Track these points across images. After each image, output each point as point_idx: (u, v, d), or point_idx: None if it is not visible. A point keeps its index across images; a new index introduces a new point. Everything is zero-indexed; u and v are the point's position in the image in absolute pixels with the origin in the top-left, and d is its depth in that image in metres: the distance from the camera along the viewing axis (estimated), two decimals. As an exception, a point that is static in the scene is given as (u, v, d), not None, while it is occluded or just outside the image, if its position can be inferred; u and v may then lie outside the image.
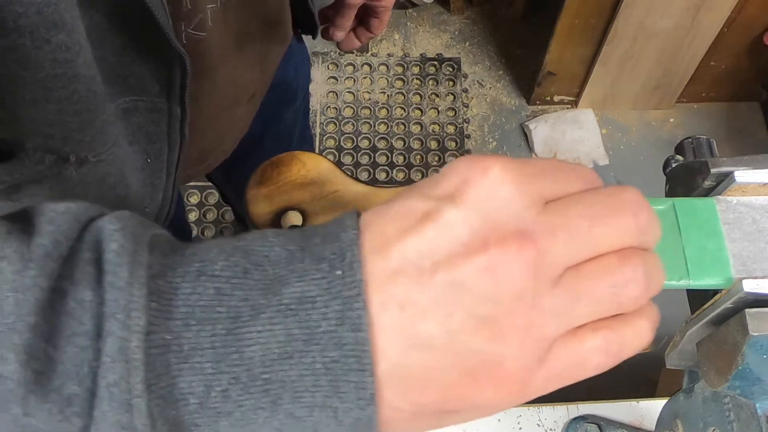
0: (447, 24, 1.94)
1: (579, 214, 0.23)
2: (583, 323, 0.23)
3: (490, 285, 0.21)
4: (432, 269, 0.22)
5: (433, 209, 0.22)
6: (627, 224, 0.24)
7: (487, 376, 0.22)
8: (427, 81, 1.84)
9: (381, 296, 0.22)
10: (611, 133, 1.78)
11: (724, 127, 1.81)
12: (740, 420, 0.34)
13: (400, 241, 0.22)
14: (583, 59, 1.65)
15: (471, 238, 0.22)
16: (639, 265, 0.23)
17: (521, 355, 0.22)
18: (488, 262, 0.21)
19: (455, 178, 0.23)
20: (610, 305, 0.24)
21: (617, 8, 1.47)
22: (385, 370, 0.22)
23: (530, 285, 0.22)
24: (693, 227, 0.34)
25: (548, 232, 0.22)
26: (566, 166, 0.25)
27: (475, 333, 0.22)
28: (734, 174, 0.34)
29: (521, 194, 0.23)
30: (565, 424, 0.65)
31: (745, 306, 0.31)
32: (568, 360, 0.23)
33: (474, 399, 0.23)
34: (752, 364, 0.31)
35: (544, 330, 0.22)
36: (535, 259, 0.22)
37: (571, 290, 0.23)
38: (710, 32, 1.54)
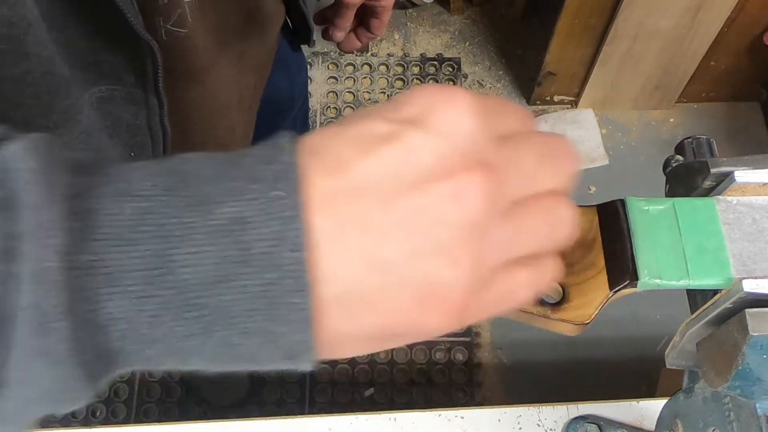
0: (447, 24, 1.94)
1: (528, 152, 0.24)
2: (518, 256, 0.24)
3: (453, 212, 0.22)
4: (396, 192, 0.21)
5: (396, 132, 0.22)
6: (563, 169, 0.25)
7: (437, 302, 0.22)
8: (427, 81, 1.84)
9: (335, 216, 0.21)
10: (611, 133, 1.78)
11: (724, 127, 1.81)
12: (740, 420, 0.34)
13: (360, 162, 0.22)
14: (583, 59, 1.65)
15: (436, 165, 0.22)
16: (569, 208, 0.25)
17: (470, 283, 0.22)
18: (452, 188, 0.22)
19: (419, 103, 0.23)
20: (545, 241, 0.25)
21: (617, 8, 1.47)
22: (335, 291, 0.21)
23: (486, 215, 0.22)
24: (693, 227, 0.34)
25: (504, 166, 0.23)
26: (512, 106, 0.26)
27: (432, 258, 0.22)
28: (734, 174, 0.34)
29: (483, 127, 0.23)
30: (565, 424, 0.65)
31: (745, 306, 0.31)
32: (503, 290, 0.24)
33: (421, 323, 0.23)
34: (752, 364, 0.31)
35: (491, 260, 0.23)
36: (495, 189, 0.22)
37: (516, 224, 0.23)
38: (710, 32, 1.54)
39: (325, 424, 0.65)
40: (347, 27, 0.71)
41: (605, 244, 0.36)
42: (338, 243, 0.21)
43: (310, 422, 0.66)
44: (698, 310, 0.34)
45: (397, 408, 1.18)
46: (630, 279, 0.34)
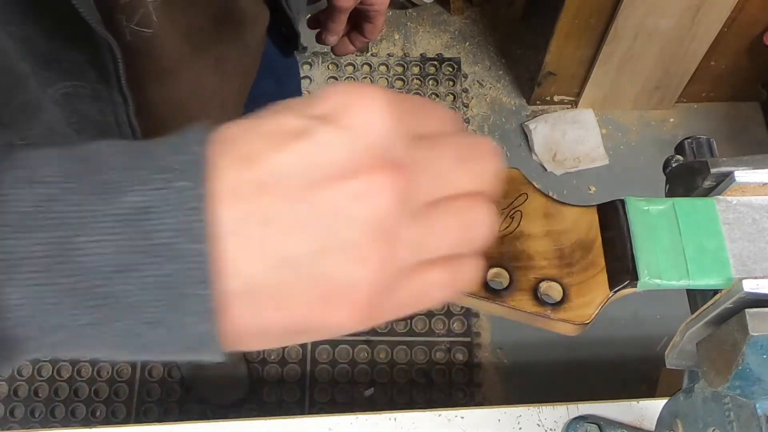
0: (447, 24, 1.94)
1: (445, 154, 0.24)
2: (432, 257, 0.24)
3: (360, 210, 0.21)
4: (303, 188, 0.21)
5: (308, 128, 0.22)
6: (483, 171, 0.25)
7: (342, 300, 0.22)
8: (427, 81, 1.84)
9: (240, 211, 0.21)
10: (611, 133, 1.78)
11: (724, 127, 1.81)
12: (740, 420, 0.34)
13: (270, 156, 0.22)
14: (583, 59, 1.65)
15: (345, 162, 0.22)
16: (487, 210, 0.25)
17: (377, 282, 0.22)
18: (360, 187, 0.21)
19: (333, 100, 0.23)
20: (459, 243, 0.25)
21: (617, 8, 1.47)
22: (238, 285, 0.21)
23: (395, 215, 0.22)
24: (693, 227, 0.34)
25: (417, 166, 0.23)
26: (435, 107, 0.26)
27: (337, 255, 0.22)
28: (734, 174, 0.34)
29: (397, 127, 0.23)
30: (565, 424, 0.65)
31: (745, 306, 0.31)
32: (415, 291, 0.24)
33: (325, 320, 0.23)
34: (752, 364, 0.31)
35: (400, 259, 0.23)
36: (404, 190, 0.22)
37: (428, 225, 0.23)
38: (710, 32, 1.54)
39: (325, 424, 0.65)
40: (340, 31, 0.70)
41: (605, 244, 0.36)
42: (242, 236, 0.21)
43: (310, 422, 0.66)
44: (698, 310, 0.34)
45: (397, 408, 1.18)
46: (630, 279, 0.34)
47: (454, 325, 1.54)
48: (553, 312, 0.34)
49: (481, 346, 1.52)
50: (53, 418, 1.45)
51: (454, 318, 1.54)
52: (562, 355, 1.51)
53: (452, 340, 1.52)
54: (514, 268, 0.36)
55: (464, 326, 1.53)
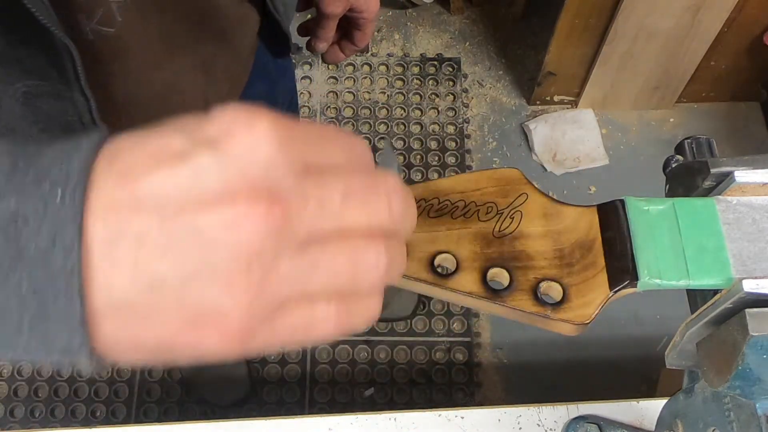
0: (447, 24, 1.94)
1: (335, 188, 0.23)
2: (317, 292, 0.24)
3: (231, 239, 0.21)
4: (176, 211, 0.21)
5: (189, 151, 0.22)
6: (379, 209, 0.24)
7: (211, 327, 0.22)
8: (427, 81, 1.84)
9: (114, 227, 0.21)
10: (611, 133, 1.78)
11: (724, 127, 1.81)
12: (740, 420, 0.34)
13: (148, 176, 0.22)
14: (583, 59, 1.65)
15: (221, 189, 0.22)
16: (383, 251, 0.24)
17: (248, 312, 0.22)
18: (233, 216, 0.21)
19: (220, 124, 0.23)
20: (347, 283, 0.24)
21: (617, 8, 1.47)
22: (107, 301, 0.21)
23: (271, 246, 0.22)
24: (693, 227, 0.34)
25: (300, 198, 0.23)
26: (337, 137, 0.25)
27: (207, 283, 0.21)
28: (734, 174, 0.34)
29: (282, 156, 0.22)
30: (565, 424, 0.65)
31: (745, 306, 0.31)
32: (297, 324, 0.24)
33: (194, 344, 0.23)
34: (752, 364, 0.31)
35: (275, 292, 0.22)
36: (281, 221, 0.22)
37: (312, 260, 0.23)
38: (710, 32, 1.54)
39: (325, 424, 0.65)
40: (329, 38, 0.70)
41: (605, 244, 0.36)
42: (113, 254, 0.21)
43: (310, 422, 0.66)
44: (698, 310, 0.34)
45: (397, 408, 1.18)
46: (630, 279, 0.34)
47: (454, 325, 1.54)
48: (553, 312, 0.34)
49: (481, 346, 1.52)
50: (53, 418, 1.45)
51: (454, 318, 1.54)
52: (562, 355, 1.51)
53: (452, 340, 1.52)
54: (514, 268, 0.36)
55: (464, 326, 1.53)
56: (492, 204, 0.37)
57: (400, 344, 1.51)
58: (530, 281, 0.35)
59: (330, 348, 1.51)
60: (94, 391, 1.47)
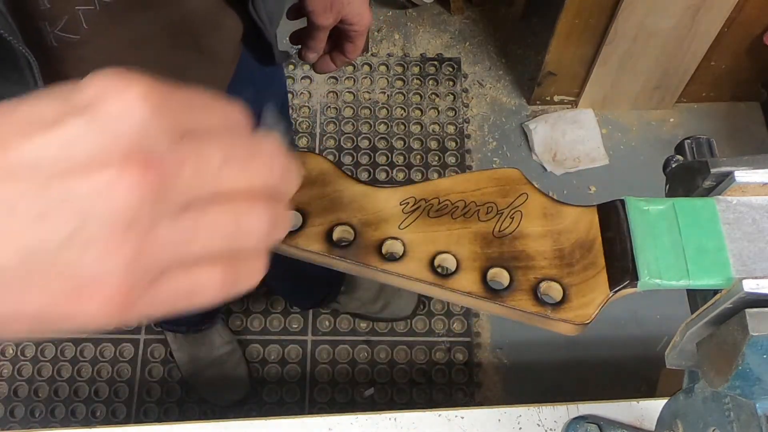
0: (447, 24, 1.94)
1: (212, 152, 0.23)
2: (200, 256, 0.24)
3: (105, 205, 0.21)
4: (49, 178, 0.21)
5: (61, 117, 0.22)
6: (259, 171, 0.24)
7: (89, 293, 0.22)
8: (427, 81, 1.84)
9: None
10: (611, 133, 1.78)
11: (724, 127, 1.81)
12: (740, 420, 0.34)
13: (19, 144, 0.21)
14: (583, 59, 1.65)
15: (93, 155, 0.21)
16: (264, 212, 0.24)
17: (126, 278, 0.22)
18: (106, 182, 0.21)
19: (93, 89, 0.22)
20: (229, 244, 0.24)
21: (617, 8, 1.47)
22: None
23: (147, 211, 0.22)
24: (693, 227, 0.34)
25: (176, 163, 0.22)
26: (214, 103, 0.25)
27: (83, 250, 0.21)
28: (734, 174, 0.34)
29: (157, 120, 0.22)
30: (565, 424, 0.65)
31: (745, 306, 0.31)
32: (180, 288, 0.24)
33: (73, 312, 0.22)
34: (752, 364, 0.31)
35: (155, 257, 0.22)
36: (156, 186, 0.22)
37: (192, 223, 0.23)
38: (710, 32, 1.54)
39: (325, 424, 0.65)
40: (320, 49, 0.70)
41: (605, 244, 0.36)
42: None
43: (310, 422, 0.66)
44: (698, 310, 0.34)
45: (397, 408, 1.18)
46: (630, 279, 0.34)
47: (454, 325, 1.54)
48: (553, 312, 0.34)
49: (481, 346, 1.52)
50: (53, 418, 1.45)
51: (454, 318, 1.54)
52: (562, 355, 1.51)
53: (452, 340, 1.52)
54: (514, 268, 0.36)
55: (464, 326, 1.53)
56: (492, 204, 0.37)
57: (400, 344, 1.51)
58: (530, 281, 0.35)
59: (330, 348, 1.51)
60: (94, 391, 1.47)
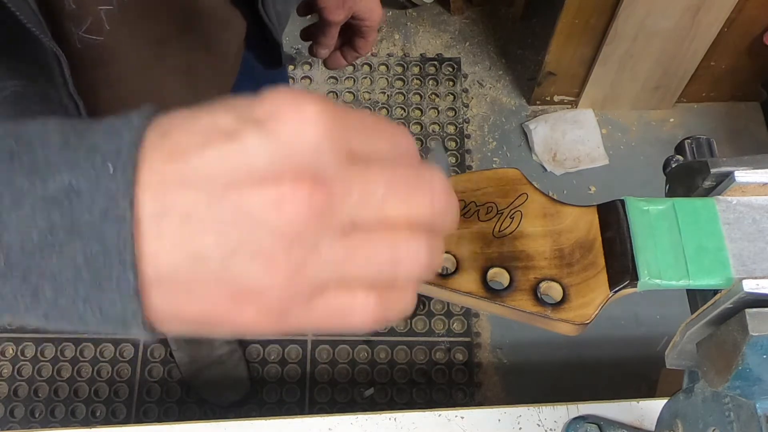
0: (447, 24, 1.94)
1: (379, 179, 0.24)
2: (357, 280, 0.24)
3: (274, 218, 0.22)
4: (223, 189, 0.22)
5: (237, 130, 0.22)
6: (422, 204, 0.24)
7: (249, 303, 0.22)
8: (427, 81, 1.84)
9: (162, 201, 0.22)
10: (611, 133, 1.78)
11: (724, 127, 1.81)
12: (740, 420, 0.34)
13: (197, 153, 0.22)
14: (583, 59, 1.65)
15: (266, 169, 0.22)
16: (423, 246, 0.24)
17: (286, 291, 0.22)
18: (277, 196, 0.22)
19: (269, 106, 0.23)
20: (386, 275, 0.24)
21: (617, 8, 1.47)
22: (154, 273, 0.22)
23: (312, 229, 0.22)
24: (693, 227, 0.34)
25: (343, 185, 0.23)
26: (385, 127, 0.25)
27: (249, 259, 0.22)
28: (734, 174, 0.34)
29: (329, 141, 0.23)
30: (565, 424, 0.65)
31: (745, 306, 0.31)
32: (335, 309, 0.24)
33: (233, 319, 0.23)
34: (752, 364, 0.31)
35: (314, 274, 0.23)
36: (324, 205, 0.22)
37: (353, 246, 0.23)
38: (710, 32, 1.54)
39: (325, 424, 0.65)
40: (331, 45, 0.70)
41: (605, 244, 0.36)
42: (160, 228, 0.22)
43: (310, 422, 0.66)
44: (698, 310, 0.34)
45: (397, 408, 1.18)
46: (630, 279, 0.34)
47: (454, 325, 1.54)
48: (553, 312, 0.34)
49: (481, 346, 1.52)
50: (53, 418, 1.45)
51: (454, 318, 1.54)
52: (562, 355, 1.51)
53: (452, 340, 1.52)
54: (514, 268, 0.36)
55: (464, 326, 1.54)
56: (492, 204, 0.37)
57: (400, 344, 1.51)
58: (530, 281, 0.35)
59: (330, 348, 1.51)
60: (94, 391, 1.47)
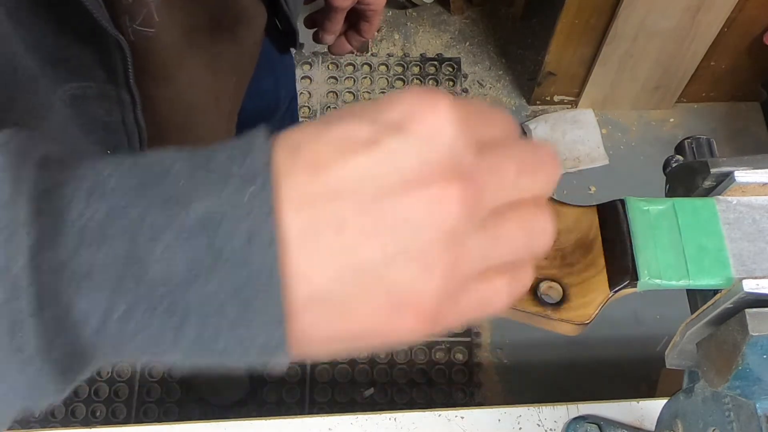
0: (447, 24, 1.94)
1: (509, 161, 0.24)
2: (496, 265, 0.24)
3: (429, 219, 0.21)
4: (373, 195, 0.21)
5: (376, 135, 0.22)
6: (546, 177, 0.25)
7: (408, 308, 0.22)
8: (427, 81, 1.84)
9: (309, 217, 0.21)
10: (611, 133, 1.78)
11: (724, 127, 1.81)
12: (740, 420, 0.34)
13: (338, 164, 0.22)
14: (583, 59, 1.65)
15: (416, 171, 0.22)
16: (549, 217, 0.25)
17: (443, 291, 0.22)
18: (431, 197, 0.21)
19: (402, 107, 0.23)
20: (524, 251, 0.25)
21: (617, 8, 1.47)
22: (307, 292, 0.21)
23: (464, 224, 0.22)
24: (693, 227, 0.34)
25: (483, 175, 0.23)
26: (494, 112, 0.26)
27: (407, 264, 0.22)
28: (734, 174, 0.34)
29: (464, 134, 0.23)
30: (565, 424, 0.65)
31: (745, 306, 0.31)
32: (479, 298, 0.24)
33: (392, 328, 0.23)
34: (752, 364, 0.31)
35: (464, 269, 0.23)
36: (473, 200, 0.22)
37: (494, 233, 0.23)
38: (710, 32, 1.54)
39: (325, 424, 0.65)
40: (337, 30, 0.70)
41: (605, 244, 0.36)
42: (311, 244, 0.21)
43: (310, 422, 0.66)
44: (698, 310, 0.34)
45: (397, 408, 1.18)
46: (630, 279, 0.34)
47: (454, 325, 1.54)
48: (554, 312, 0.34)
49: (481, 346, 1.52)
50: (53, 419, 1.45)
51: (454, 318, 1.54)
52: (562, 355, 1.51)
53: (452, 340, 1.52)
54: (514, 268, 0.36)
55: (464, 326, 1.54)
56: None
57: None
58: (530, 281, 0.35)
59: (330, 348, 1.51)
60: (94, 391, 1.47)
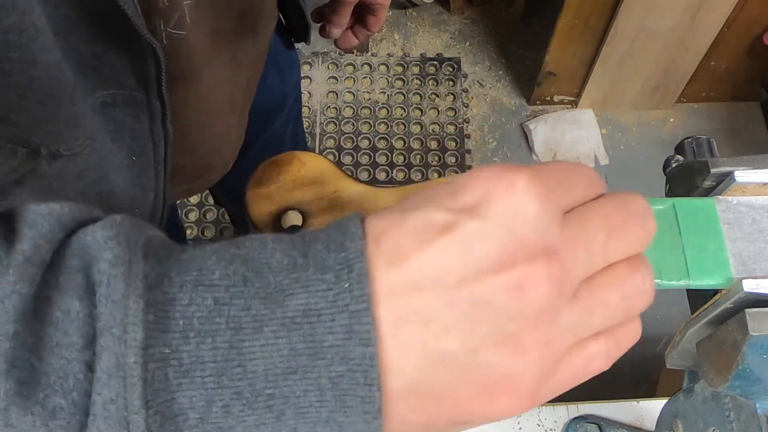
0: (447, 24, 1.94)
1: (596, 226, 0.23)
2: (588, 334, 0.24)
3: (517, 302, 0.21)
4: (457, 285, 0.21)
5: (454, 222, 0.22)
6: (638, 234, 0.24)
7: (503, 390, 0.22)
8: (427, 81, 1.84)
9: (399, 311, 0.21)
10: (611, 133, 1.78)
11: (724, 127, 1.81)
12: (740, 420, 0.34)
13: (419, 254, 0.22)
14: (583, 59, 1.65)
15: (497, 255, 0.21)
16: (647, 274, 0.24)
17: (539, 370, 0.22)
18: (516, 280, 0.21)
19: (477, 189, 0.22)
20: (621, 315, 0.24)
21: (617, 8, 1.47)
22: (400, 385, 0.22)
23: (553, 301, 0.22)
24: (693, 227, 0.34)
25: (570, 248, 0.22)
26: (576, 172, 0.25)
27: (497, 349, 0.21)
28: (734, 174, 0.34)
29: (546, 209, 0.22)
30: (565, 424, 0.65)
31: (745, 306, 0.31)
32: (574, 368, 0.24)
33: (487, 411, 0.22)
34: (752, 364, 0.31)
35: (560, 344, 0.23)
36: (560, 275, 0.22)
37: (587, 303, 0.23)
38: (710, 32, 1.54)
39: None
40: (344, 24, 0.71)
41: (605, 244, 0.36)
42: (401, 337, 0.21)
43: None
44: (698, 310, 0.34)
45: (397, 408, 1.18)
46: (630, 279, 0.34)
47: (454, 325, 1.53)
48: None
49: (481, 346, 1.52)
50: (53, 418, 1.44)
51: (454, 318, 1.54)
52: (562, 355, 1.51)
53: (452, 340, 1.52)
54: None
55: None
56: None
57: (400, 344, 1.51)
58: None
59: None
60: (94, 391, 1.47)
